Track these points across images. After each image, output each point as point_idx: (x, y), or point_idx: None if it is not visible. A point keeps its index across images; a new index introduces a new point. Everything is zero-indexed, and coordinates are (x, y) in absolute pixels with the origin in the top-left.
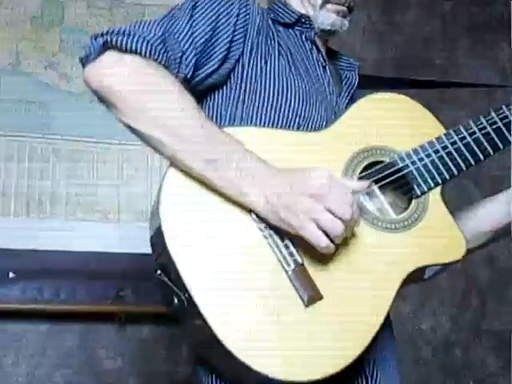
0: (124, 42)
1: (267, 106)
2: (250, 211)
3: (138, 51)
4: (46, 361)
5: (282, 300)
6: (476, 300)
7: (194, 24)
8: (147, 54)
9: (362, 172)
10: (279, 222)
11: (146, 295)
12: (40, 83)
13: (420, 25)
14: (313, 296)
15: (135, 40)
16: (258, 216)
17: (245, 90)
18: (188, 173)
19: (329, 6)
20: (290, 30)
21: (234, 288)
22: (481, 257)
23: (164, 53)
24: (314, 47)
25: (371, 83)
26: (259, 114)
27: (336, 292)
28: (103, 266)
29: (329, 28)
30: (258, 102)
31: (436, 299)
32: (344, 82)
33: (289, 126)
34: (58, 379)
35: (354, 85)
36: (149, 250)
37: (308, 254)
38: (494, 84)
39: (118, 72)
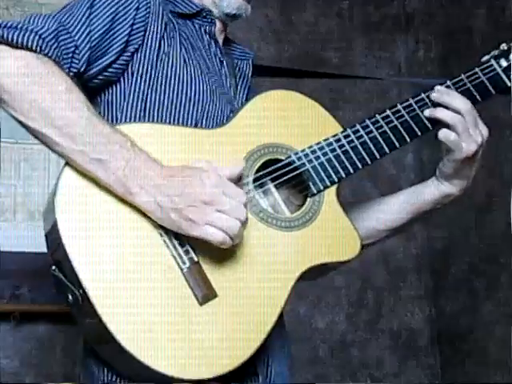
0: (15, 37)
1: (167, 102)
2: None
3: (29, 46)
4: None
5: (177, 298)
6: (372, 299)
7: (91, 17)
8: (38, 49)
9: (258, 170)
10: (170, 224)
11: (42, 294)
12: None
13: (317, 24)
14: (207, 294)
15: (26, 34)
16: None
17: (144, 85)
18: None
19: None
20: (189, 22)
21: (128, 285)
22: (376, 256)
23: (56, 48)
24: (213, 41)
25: (269, 73)
26: (159, 110)
27: (231, 290)
28: None
29: (234, 12)
30: (158, 97)
31: (332, 298)
32: (239, 75)
33: (190, 122)
34: None
35: (248, 76)
36: (45, 250)
37: (204, 253)
38: (386, 77)
39: (6, 65)
